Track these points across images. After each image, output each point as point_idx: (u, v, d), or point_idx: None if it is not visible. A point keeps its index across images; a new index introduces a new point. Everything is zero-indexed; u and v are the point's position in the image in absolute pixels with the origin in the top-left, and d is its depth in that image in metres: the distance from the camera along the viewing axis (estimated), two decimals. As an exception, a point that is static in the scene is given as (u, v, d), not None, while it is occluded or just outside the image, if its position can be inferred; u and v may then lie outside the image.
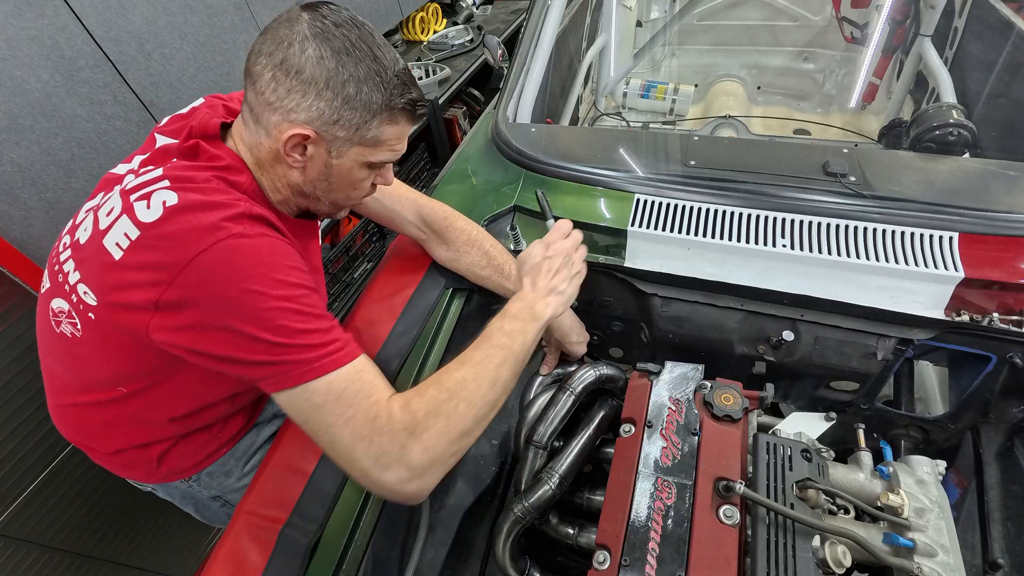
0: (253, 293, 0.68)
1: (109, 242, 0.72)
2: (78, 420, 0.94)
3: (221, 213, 0.70)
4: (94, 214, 0.78)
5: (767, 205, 1.13)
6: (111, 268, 0.71)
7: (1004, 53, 1.76)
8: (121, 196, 0.74)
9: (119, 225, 0.72)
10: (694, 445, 0.94)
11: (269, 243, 0.74)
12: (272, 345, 0.69)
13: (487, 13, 3.90)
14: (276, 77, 0.72)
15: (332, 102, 0.73)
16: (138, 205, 0.71)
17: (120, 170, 0.86)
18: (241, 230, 0.71)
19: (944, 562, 0.77)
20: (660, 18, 2.93)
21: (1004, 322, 0.98)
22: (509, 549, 0.99)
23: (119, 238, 0.71)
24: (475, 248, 1.16)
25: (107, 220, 0.74)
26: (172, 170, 0.75)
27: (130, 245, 0.70)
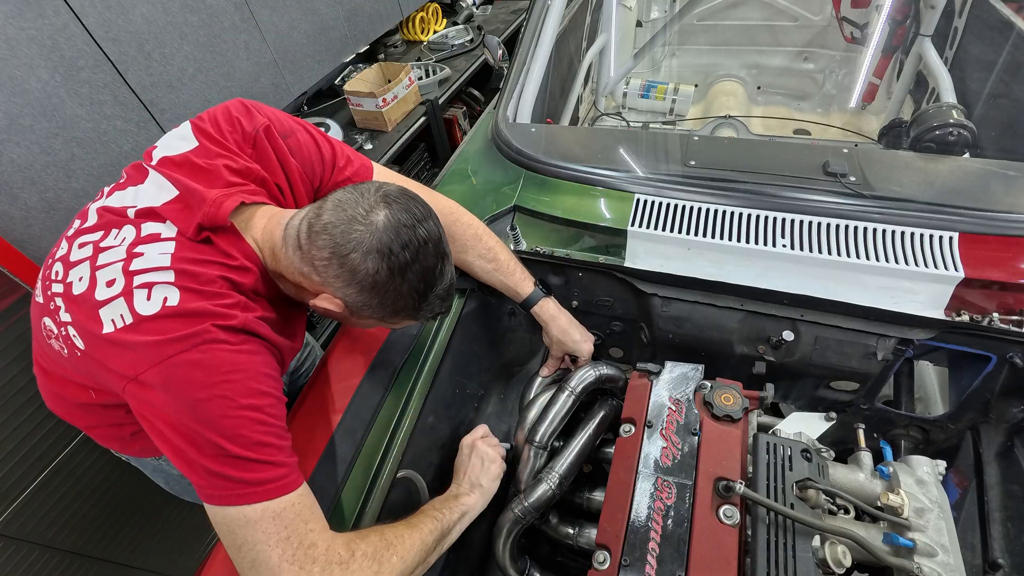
0: (221, 398, 0.71)
1: (104, 315, 0.74)
2: (58, 399, 0.98)
3: (212, 321, 0.74)
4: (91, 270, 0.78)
5: (767, 205, 1.13)
6: (100, 338, 0.74)
7: (1004, 53, 1.77)
8: (124, 274, 0.76)
9: (116, 305, 0.74)
10: (694, 445, 0.94)
11: (249, 352, 0.76)
12: (224, 453, 0.71)
13: (487, 13, 3.90)
14: (331, 261, 0.78)
15: (370, 301, 0.80)
16: (138, 294, 0.74)
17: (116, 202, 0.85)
18: (226, 337, 0.74)
19: (944, 562, 0.77)
20: (660, 18, 2.93)
21: (1004, 322, 0.98)
22: (509, 549, 1.00)
23: (115, 316, 0.74)
24: (480, 244, 1.16)
25: (105, 292, 0.75)
26: (179, 261, 0.77)
27: (123, 327, 0.73)
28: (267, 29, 2.09)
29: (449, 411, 1.17)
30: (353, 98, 2.59)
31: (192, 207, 0.81)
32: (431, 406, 1.08)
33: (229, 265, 0.81)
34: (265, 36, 2.09)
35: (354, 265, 0.77)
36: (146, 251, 0.78)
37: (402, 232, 0.78)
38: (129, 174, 0.90)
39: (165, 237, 0.79)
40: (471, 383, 1.28)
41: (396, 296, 0.80)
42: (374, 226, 0.77)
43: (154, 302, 0.73)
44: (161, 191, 0.84)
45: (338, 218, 0.77)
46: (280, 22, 2.15)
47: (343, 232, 0.77)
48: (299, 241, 0.80)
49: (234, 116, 0.92)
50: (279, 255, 0.84)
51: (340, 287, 0.79)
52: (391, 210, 0.78)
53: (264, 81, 2.12)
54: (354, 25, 2.62)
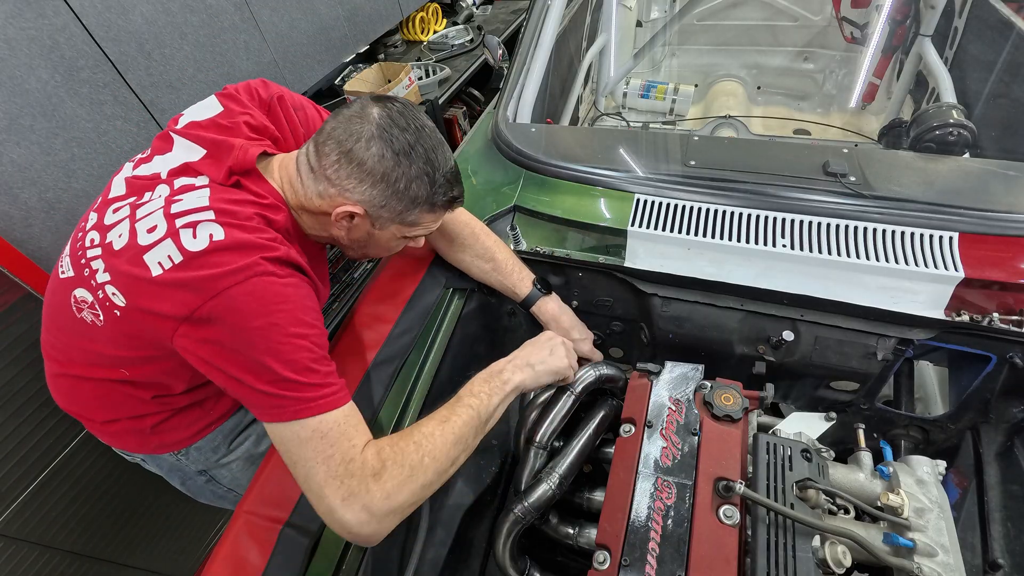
0: (274, 326, 0.76)
1: (151, 259, 0.77)
2: (75, 391, 0.99)
3: (260, 254, 0.78)
4: (130, 223, 0.82)
5: (767, 205, 1.13)
6: (148, 282, 0.77)
7: (1004, 53, 1.76)
8: (166, 217, 0.80)
9: (163, 247, 0.77)
10: (694, 445, 0.94)
11: (295, 285, 0.81)
12: (279, 378, 0.76)
13: (487, 13, 3.90)
14: (340, 161, 0.83)
15: (384, 192, 0.85)
16: (184, 233, 0.78)
17: (144, 171, 0.90)
18: (274, 270, 0.79)
19: (944, 562, 0.77)
20: (660, 18, 2.93)
21: (1004, 322, 0.98)
22: (509, 549, 0.99)
23: (162, 258, 0.77)
24: (477, 243, 1.17)
25: (148, 237, 0.79)
26: (217, 202, 0.81)
27: (172, 267, 0.76)
28: (267, 29, 2.09)
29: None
30: (353, 98, 2.59)
31: (221, 156, 0.87)
32: (431, 406, 1.08)
33: (261, 203, 0.86)
34: (265, 36, 2.09)
35: (360, 156, 0.82)
36: (183, 197, 0.82)
37: (397, 119, 0.84)
38: (155, 146, 0.94)
39: (200, 185, 0.84)
40: (471, 383, 1.28)
41: (407, 180, 0.84)
42: (371, 117, 0.83)
43: (201, 239, 0.77)
44: (190, 151, 0.89)
45: (337, 123, 0.84)
46: (280, 22, 2.15)
47: (344, 130, 0.83)
48: (309, 162, 0.86)
49: (253, 86, 1.01)
50: (296, 186, 0.89)
51: (354, 186, 0.84)
52: (383, 106, 0.85)
53: (264, 81, 2.12)
54: (354, 25, 2.62)
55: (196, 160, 0.88)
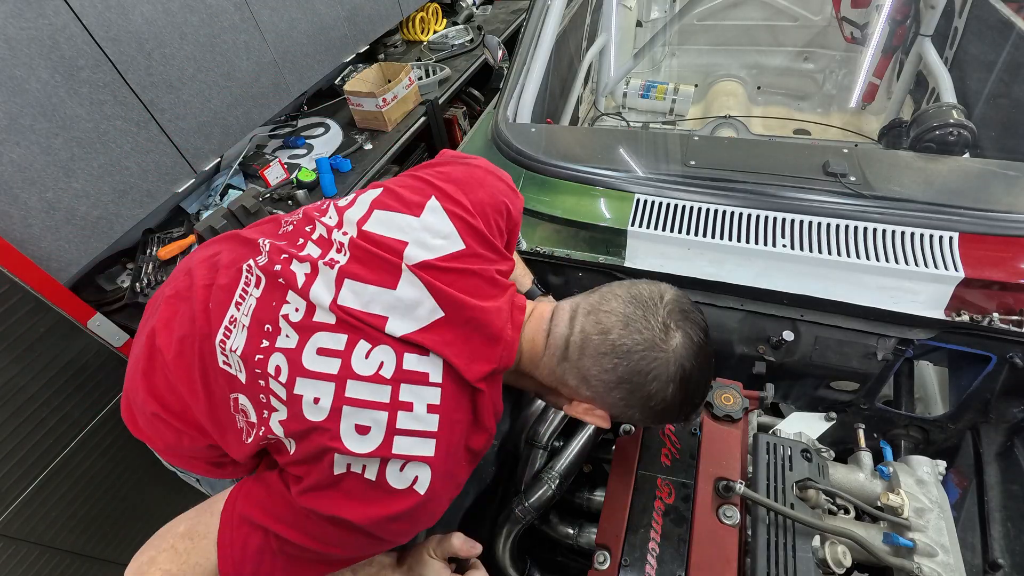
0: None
1: (340, 462, 0.64)
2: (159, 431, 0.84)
3: (427, 521, 0.68)
4: (336, 394, 0.65)
5: (767, 205, 1.13)
6: (328, 480, 0.64)
7: (1004, 53, 1.76)
8: (387, 428, 0.64)
9: (368, 461, 0.64)
10: (694, 445, 0.94)
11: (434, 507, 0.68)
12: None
13: (487, 13, 3.90)
14: (621, 387, 0.70)
15: (645, 416, 0.73)
16: (392, 465, 0.64)
17: (352, 301, 0.70)
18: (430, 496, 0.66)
19: (944, 562, 0.77)
20: (660, 18, 2.93)
21: (1004, 322, 0.98)
22: (509, 549, 0.99)
23: (356, 468, 0.64)
24: None
25: (353, 442, 0.64)
26: (447, 428, 0.66)
27: (358, 475, 0.64)
28: (267, 29, 2.09)
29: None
30: (353, 98, 2.59)
31: (474, 341, 0.70)
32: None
33: (476, 431, 0.71)
34: (265, 36, 2.09)
35: (651, 392, 0.69)
36: (413, 400, 0.66)
37: (700, 356, 0.70)
38: (364, 257, 0.72)
39: (432, 382, 0.67)
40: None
41: (669, 413, 0.73)
42: (676, 354, 0.68)
43: (404, 477, 0.64)
44: (420, 304, 0.69)
45: (632, 341, 0.68)
46: (280, 22, 2.15)
47: (641, 359, 0.68)
48: (567, 352, 0.72)
49: (501, 202, 0.82)
50: (536, 362, 0.75)
51: (617, 403, 0.72)
52: (684, 331, 0.69)
53: (264, 81, 2.12)
54: (354, 25, 2.62)
55: (427, 327, 0.68)
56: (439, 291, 0.70)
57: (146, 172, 1.69)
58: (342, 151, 2.50)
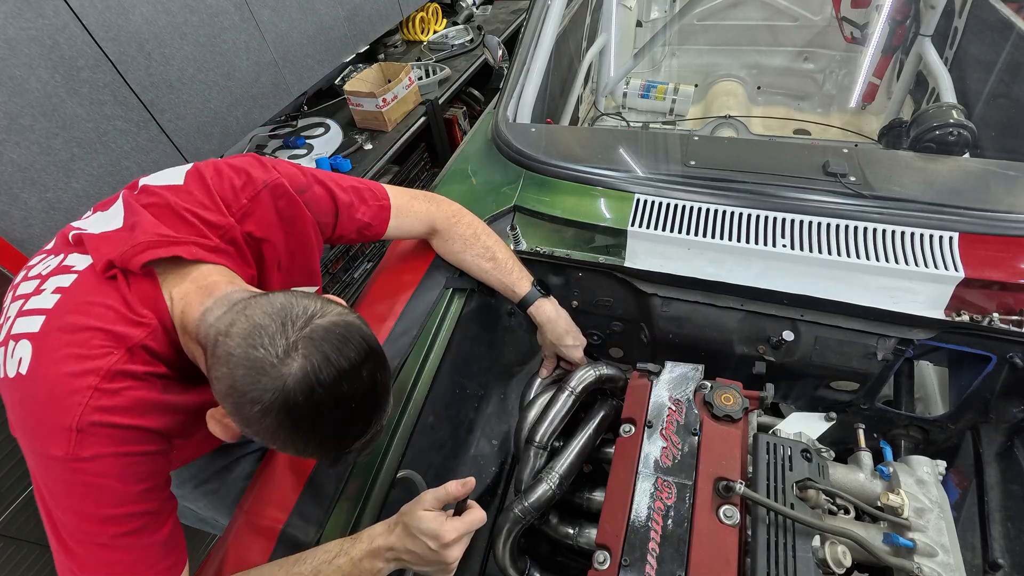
0: (70, 513, 0.68)
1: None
2: None
3: (55, 421, 0.65)
4: (12, 297, 0.75)
5: (767, 205, 1.13)
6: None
7: (1004, 53, 1.76)
8: (16, 312, 0.71)
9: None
10: (694, 445, 0.94)
11: (97, 473, 0.67)
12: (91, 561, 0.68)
13: (487, 13, 3.90)
14: (227, 400, 0.64)
15: (270, 442, 0.66)
16: (9, 346, 0.69)
17: (78, 228, 0.81)
18: (63, 453, 0.65)
19: (944, 562, 0.77)
20: (660, 18, 2.93)
21: (1004, 322, 0.98)
22: (509, 549, 0.99)
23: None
24: (478, 243, 1.17)
25: (1, 331, 0.72)
26: (62, 308, 0.69)
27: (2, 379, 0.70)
28: (267, 29, 2.09)
29: (449, 411, 1.17)
30: (353, 98, 2.59)
31: (122, 240, 0.73)
32: (431, 406, 1.08)
33: (119, 313, 0.70)
34: (265, 36, 2.09)
35: (250, 417, 0.62)
36: (47, 287, 0.72)
37: (315, 392, 0.61)
38: (106, 200, 0.85)
39: (74, 271, 0.73)
40: (471, 383, 1.28)
41: (300, 447, 0.67)
42: (282, 381, 0.61)
43: (13, 362, 0.67)
44: (113, 219, 0.79)
45: (244, 355, 0.61)
46: (280, 22, 2.15)
47: (244, 379, 0.61)
48: (202, 343, 0.69)
49: (242, 166, 0.86)
50: (182, 335, 0.74)
51: (237, 422, 0.66)
52: (311, 360, 0.62)
53: (264, 81, 2.12)
54: (354, 25, 2.62)
55: (101, 232, 0.76)
56: (129, 206, 0.79)
57: (146, 172, 1.68)
58: (342, 151, 2.50)
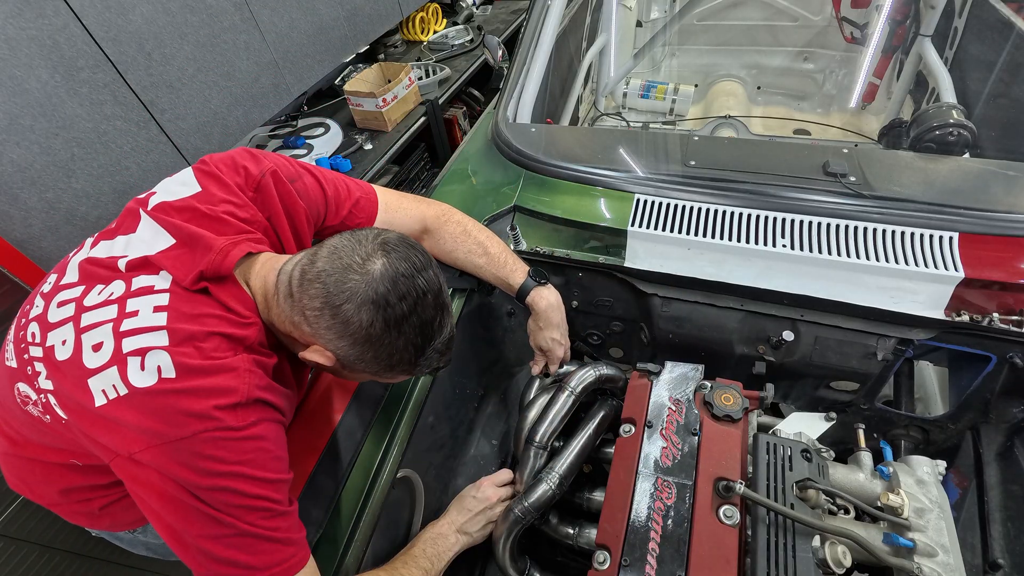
0: (229, 491, 0.68)
1: (95, 385, 0.69)
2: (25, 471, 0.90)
3: (215, 400, 0.68)
4: (75, 331, 0.72)
5: (767, 205, 1.13)
6: (89, 411, 0.69)
7: (1004, 53, 1.77)
8: (114, 336, 0.70)
9: (108, 374, 0.68)
10: (694, 445, 0.94)
11: (260, 434, 0.72)
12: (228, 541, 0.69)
13: (487, 13, 3.90)
14: (323, 311, 0.73)
15: (363, 355, 0.76)
16: (131, 362, 0.68)
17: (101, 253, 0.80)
18: (232, 422, 0.69)
19: (944, 562, 0.77)
20: (660, 18, 2.93)
21: (1004, 322, 0.98)
22: (509, 549, 1.00)
23: (106, 386, 0.68)
24: (468, 239, 1.16)
25: (94, 358, 0.69)
26: (175, 319, 0.71)
27: (116, 399, 0.68)
28: (267, 29, 2.09)
29: (449, 411, 1.17)
30: (353, 98, 2.59)
31: (195, 254, 0.76)
32: (431, 406, 1.08)
33: (228, 319, 0.75)
34: (265, 36, 2.09)
35: (347, 316, 0.72)
36: (139, 308, 0.72)
37: (400, 282, 0.73)
38: (120, 221, 0.84)
39: (159, 289, 0.74)
40: (471, 383, 1.28)
41: (391, 350, 0.75)
42: (370, 275, 0.72)
43: (148, 372, 0.68)
44: (156, 238, 0.79)
45: (332, 266, 0.73)
46: (280, 22, 2.16)
47: (337, 281, 0.72)
48: (291, 288, 0.76)
49: (239, 162, 0.89)
50: (271, 303, 0.79)
51: (332, 339, 0.74)
52: (389, 259, 0.74)
53: (264, 81, 2.12)
54: (354, 25, 2.62)
55: (159, 252, 0.77)
56: (168, 223, 0.79)
57: (146, 172, 1.70)
58: (342, 151, 2.50)
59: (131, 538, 1.09)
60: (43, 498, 0.93)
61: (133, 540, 1.11)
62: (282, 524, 0.73)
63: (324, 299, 0.72)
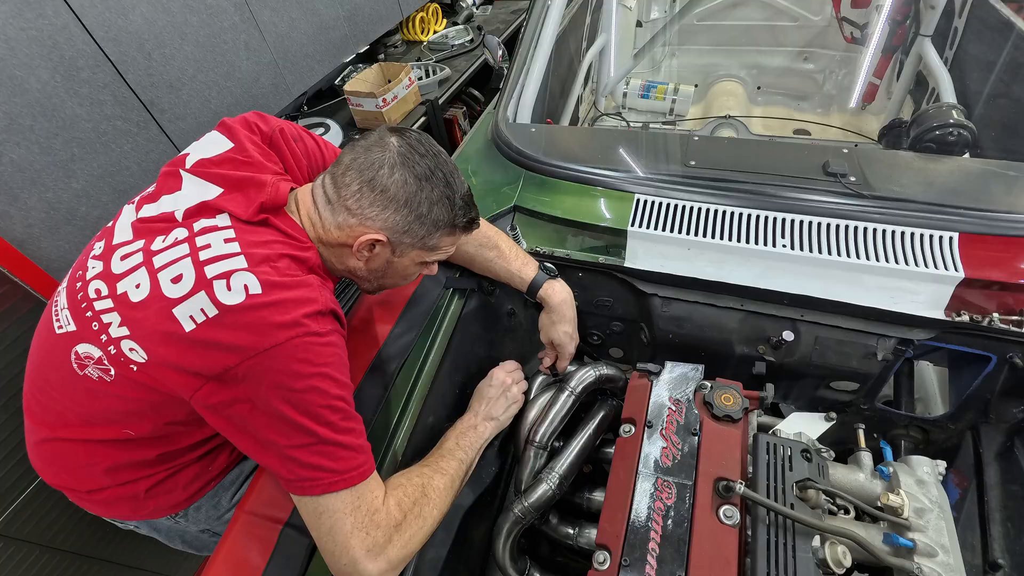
0: (316, 390, 0.75)
1: (182, 312, 0.73)
2: (63, 456, 0.93)
3: (301, 310, 0.76)
4: (149, 272, 0.77)
5: (767, 205, 1.13)
6: (179, 338, 0.73)
7: (1004, 53, 1.77)
8: (195, 265, 0.76)
9: (196, 299, 0.74)
10: (694, 445, 0.94)
11: (333, 343, 0.80)
12: (319, 441, 0.75)
13: (487, 13, 3.90)
14: (362, 190, 0.83)
15: (407, 217, 0.84)
16: (218, 284, 0.74)
17: (151, 212, 0.85)
18: (317, 328, 0.77)
19: (944, 562, 0.77)
20: (660, 18, 2.93)
21: (1004, 322, 0.98)
22: (509, 549, 1.00)
23: (194, 312, 0.73)
24: (480, 233, 1.15)
25: (176, 288, 0.75)
26: (247, 246, 0.78)
27: (206, 321, 0.73)
28: (267, 29, 2.09)
29: (449, 411, 1.17)
30: (353, 98, 2.59)
31: (248, 193, 0.84)
32: (431, 406, 1.08)
33: (291, 243, 0.84)
34: (265, 36, 2.09)
35: (383, 182, 0.82)
36: (210, 242, 0.78)
37: (416, 146, 0.84)
38: (160, 184, 0.89)
39: (222, 226, 0.81)
40: (471, 383, 1.28)
41: (429, 204, 0.84)
42: (390, 146, 0.83)
43: (236, 291, 0.74)
44: (204, 190, 0.85)
45: (356, 155, 0.84)
46: (280, 22, 2.15)
47: (364, 161, 0.83)
48: (327, 196, 0.86)
49: (251, 121, 0.97)
50: (314, 219, 0.88)
51: (376, 214, 0.83)
52: (401, 135, 0.85)
53: (264, 81, 2.12)
54: (354, 25, 2.62)
55: (213, 198, 0.84)
56: (213, 175, 0.86)
57: (146, 172, 1.69)
58: (342, 151, 2.49)
59: (169, 527, 1.11)
60: (86, 483, 0.96)
61: (171, 530, 1.12)
62: (356, 426, 0.80)
63: (360, 179, 0.82)
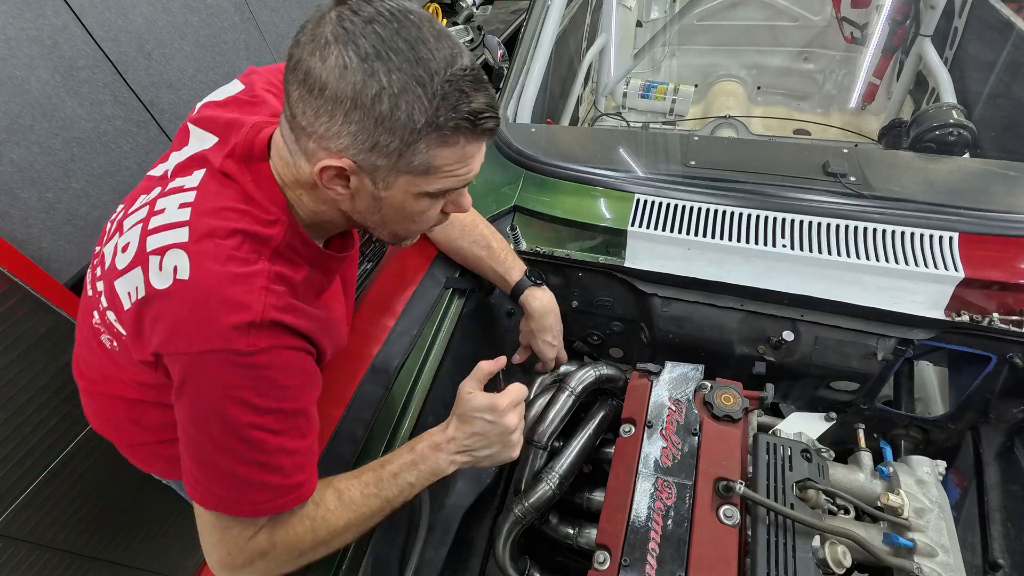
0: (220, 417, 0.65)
1: (122, 288, 0.68)
2: (107, 410, 0.90)
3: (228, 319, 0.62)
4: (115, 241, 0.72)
5: (767, 205, 1.13)
6: (124, 314, 0.68)
7: (1004, 53, 1.77)
8: (141, 236, 0.67)
9: (132, 276, 0.66)
10: (694, 445, 0.94)
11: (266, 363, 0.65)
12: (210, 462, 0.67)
13: (487, 13, 3.91)
14: (302, 96, 0.59)
15: (363, 122, 0.58)
16: (152, 261, 0.65)
17: (157, 171, 0.79)
18: (239, 346, 0.63)
19: (944, 562, 0.77)
20: (660, 18, 2.93)
21: (1004, 322, 0.98)
22: (509, 549, 0.99)
23: (131, 289, 0.66)
24: (475, 230, 1.16)
25: (123, 259, 0.68)
26: (198, 214, 0.66)
27: (137, 301, 0.66)
28: (267, 29, 2.09)
29: (449, 411, 1.17)
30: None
31: (230, 139, 0.70)
32: (431, 406, 1.08)
33: (251, 215, 0.67)
34: (265, 36, 2.09)
35: (318, 74, 0.57)
36: (166, 205, 0.68)
37: (362, 8, 0.57)
38: (174, 141, 0.80)
39: (189, 187, 0.69)
40: (471, 383, 1.28)
41: (389, 96, 0.57)
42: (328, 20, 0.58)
43: (165, 273, 0.63)
44: (203, 140, 0.74)
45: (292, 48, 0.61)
46: (280, 22, 2.16)
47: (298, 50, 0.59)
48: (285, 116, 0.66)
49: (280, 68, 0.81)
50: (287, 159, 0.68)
51: (326, 127, 0.60)
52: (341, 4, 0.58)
53: (264, 81, 2.12)
54: (354, 25, 2.62)
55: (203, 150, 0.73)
56: (209, 121, 0.75)
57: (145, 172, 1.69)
58: (342, 151, 2.50)
59: None
60: (127, 436, 0.92)
61: None
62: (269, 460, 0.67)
63: (296, 79, 0.59)
